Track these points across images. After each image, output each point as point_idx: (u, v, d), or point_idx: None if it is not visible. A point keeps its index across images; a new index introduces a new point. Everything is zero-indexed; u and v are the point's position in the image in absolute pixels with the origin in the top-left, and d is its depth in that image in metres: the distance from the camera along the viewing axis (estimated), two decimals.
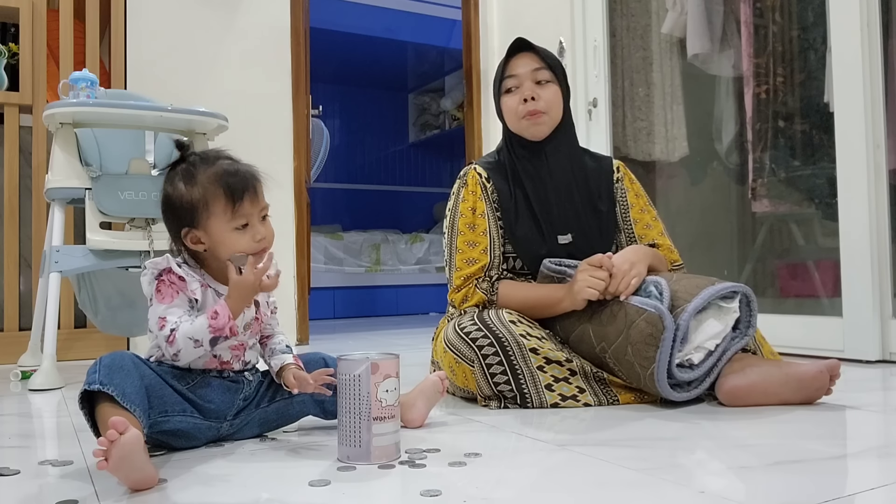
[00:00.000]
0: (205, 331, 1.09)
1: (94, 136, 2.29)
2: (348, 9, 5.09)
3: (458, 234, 1.71)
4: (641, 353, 1.43)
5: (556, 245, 1.68)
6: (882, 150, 2.10)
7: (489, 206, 1.72)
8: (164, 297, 1.13)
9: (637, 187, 1.80)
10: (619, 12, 3.14)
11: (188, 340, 1.09)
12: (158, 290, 1.13)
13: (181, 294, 1.14)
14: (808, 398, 1.44)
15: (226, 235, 1.15)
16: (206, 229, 1.15)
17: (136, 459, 0.93)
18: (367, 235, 5.54)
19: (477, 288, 1.65)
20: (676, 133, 3.07)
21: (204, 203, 1.14)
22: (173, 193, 1.16)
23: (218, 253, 1.16)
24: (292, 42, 3.12)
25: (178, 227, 1.17)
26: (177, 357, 1.12)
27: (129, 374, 1.06)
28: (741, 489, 0.94)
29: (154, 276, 1.14)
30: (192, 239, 1.16)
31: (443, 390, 1.39)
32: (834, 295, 2.34)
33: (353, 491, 0.96)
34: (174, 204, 1.16)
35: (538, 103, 1.67)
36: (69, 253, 2.05)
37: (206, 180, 1.14)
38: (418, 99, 6.49)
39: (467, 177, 1.75)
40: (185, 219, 1.15)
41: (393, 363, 1.10)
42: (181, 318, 1.11)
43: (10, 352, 2.48)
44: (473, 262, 1.67)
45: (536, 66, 1.69)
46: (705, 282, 1.50)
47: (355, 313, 5.22)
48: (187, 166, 1.17)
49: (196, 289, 1.15)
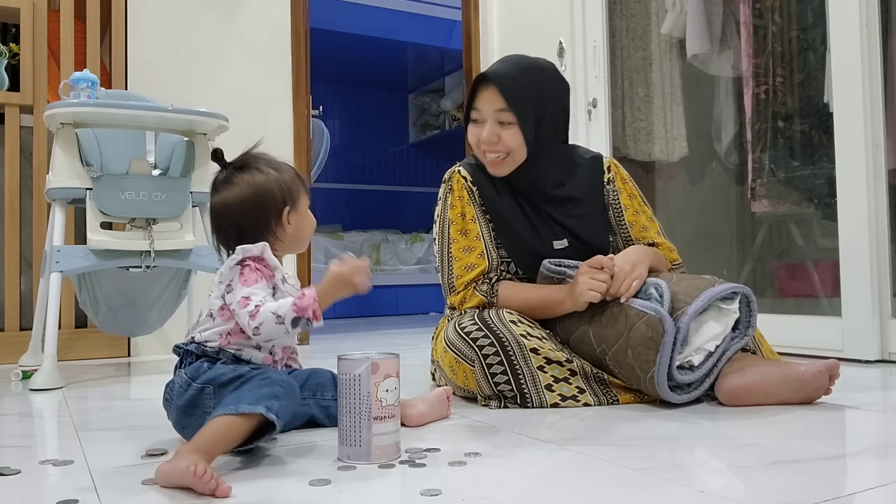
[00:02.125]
0: (289, 308, 1.13)
1: (95, 136, 2.30)
2: (348, 9, 5.09)
3: (452, 242, 1.68)
4: (641, 356, 1.43)
5: (552, 251, 1.68)
6: (881, 150, 2.10)
7: (477, 209, 1.70)
8: (246, 279, 1.17)
9: (630, 187, 1.76)
10: (618, 13, 3.14)
11: (271, 315, 1.12)
12: (242, 273, 1.18)
13: (264, 280, 1.19)
14: (807, 398, 1.44)
15: (306, 213, 1.29)
16: (296, 208, 1.27)
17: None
18: (368, 235, 5.55)
19: (476, 290, 1.64)
20: (676, 133, 3.07)
21: (295, 184, 1.27)
22: (267, 181, 1.24)
23: (303, 229, 1.28)
24: (292, 42, 3.13)
25: (278, 210, 1.24)
26: (258, 331, 1.13)
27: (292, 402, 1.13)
28: (741, 489, 0.94)
29: (237, 261, 1.18)
30: (290, 218, 1.25)
31: (448, 406, 1.41)
32: (833, 295, 2.34)
33: (353, 491, 0.96)
34: (271, 189, 1.23)
35: (498, 146, 1.62)
36: (70, 253, 2.05)
37: (288, 169, 1.28)
38: (418, 99, 6.49)
39: (452, 181, 1.72)
40: (286, 199, 1.25)
41: (393, 363, 1.10)
42: (265, 297, 1.16)
43: (11, 352, 2.48)
44: (472, 268, 1.65)
45: (499, 106, 1.60)
46: (705, 283, 1.50)
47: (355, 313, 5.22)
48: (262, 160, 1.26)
49: (280, 278, 1.22)
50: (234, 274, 1.18)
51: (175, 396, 1.18)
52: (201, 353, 1.19)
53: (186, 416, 1.16)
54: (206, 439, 1.02)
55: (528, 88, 1.61)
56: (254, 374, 1.13)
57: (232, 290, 1.18)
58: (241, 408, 1.04)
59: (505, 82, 1.60)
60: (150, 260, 2.09)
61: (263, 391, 1.08)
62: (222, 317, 1.20)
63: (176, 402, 1.18)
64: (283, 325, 1.13)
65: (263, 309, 1.13)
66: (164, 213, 2.13)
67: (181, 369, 1.21)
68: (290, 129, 3.06)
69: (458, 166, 1.76)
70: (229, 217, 1.23)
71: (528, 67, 1.64)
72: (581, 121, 3.06)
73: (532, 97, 1.61)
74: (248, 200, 1.22)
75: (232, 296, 1.17)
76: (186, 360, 1.21)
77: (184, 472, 0.93)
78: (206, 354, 1.19)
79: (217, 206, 1.24)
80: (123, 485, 1.00)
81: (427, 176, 6.55)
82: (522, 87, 1.61)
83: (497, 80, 1.60)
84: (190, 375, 1.17)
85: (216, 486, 0.92)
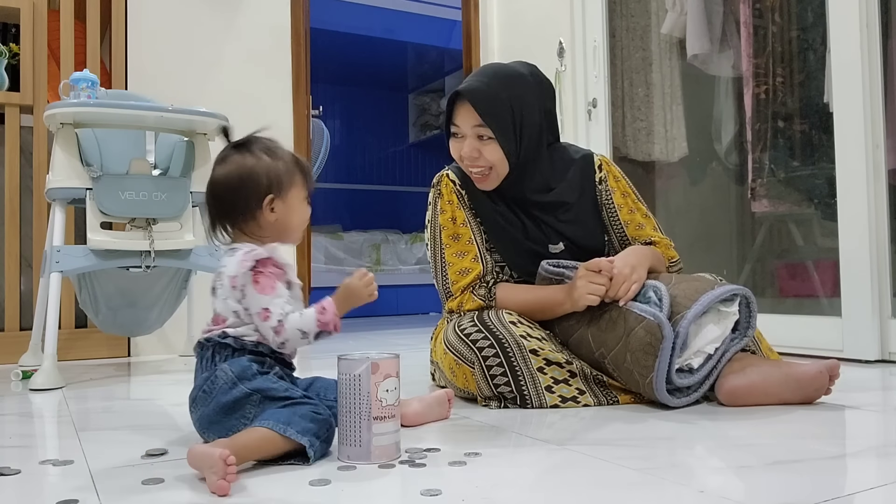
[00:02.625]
0: (313, 324, 1.15)
1: (95, 136, 2.30)
2: (348, 9, 5.09)
3: (445, 247, 1.67)
4: (640, 361, 1.42)
5: (548, 254, 1.66)
6: (881, 150, 2.10)
7: (467, 212, 1.69)
8: (263, 287, 1.17)
9: (622, 185, 1.72)
10: (618, 13, 3.14)
11: (296, 332, 1.15)
12: (257, 280, 1.17)
13: (279, 283, 1.19)
14: (807, 398, 1.44)
15: (298, 204, 1.27)
16: (285, 198, 1.24)
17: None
18: (368, 235, 5.55)
19: (473, 294, 1.63)
20: (676, 133, 3.07)
21: (289, 174, 1.25)
22: (256, 165, 1.23)
23: (289, 220, 1.25)
24: (292, 42, 3.13)
25: (259, 196, 1.22)
26: (283, 346, 1.17)
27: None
28: (741, 488, 0.94)
29: (250, 266, 1.17)
30: (275, 206, 1.23)
31: (448, 409, 1.41)
32: (833, 295, 2.34)
33: (353, 491, 0.96)
34: (257, 174, 1.22)
35: (480, 160, 1.60)
36: (70, 253, 2.05)
37: (286, 157, 1.26)
38: (418, 99, 6.49)
39: (441, 185, 1.72)
40: (272, 187, 1.23)
41: (393, 363, 1.10)
42: (284, 308, 1.16)
43: (11, 352, 2.48)
44: (467, 272, 1.65)
45: (476, 122, 1.57)
46: (705, 285, 1.50)
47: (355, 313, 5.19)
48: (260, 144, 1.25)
49: (293, 276, 1.23)
50: (246, 280, 1.16)
51: (217, 392, 1.14)
52: (240, 346, 1.17)
53: (223, 414, 1.13)
54: (246, 444, 1.04)
55: (503, 101, 1.57)
56: (305, 403, 1.12)
57: (245, 296, 1.17)
58: (290, 432, 1.06)
59: (478, 98, 1.56)
60: (150, 260, 2.09)
61: (311, 426, 1.09)
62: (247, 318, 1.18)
63: (218, 396, 1.14)
64: (307, 339, 1.16)
65: (288, 326, 1.14)
66: (164, 213, 2.13)
67: (222, 363, 1.16)
68: (290, 129, 3.07)
69: (446, 170, 1.75)
70: (214, 194, 1.24)
71: (503, 78, 1.60)
72: (581, 121, 3.06)
73: (508, 109, 1.57)
74: (233, 181, 1.22)
75: (247, 302, 1.16)
76: (222, 354, 1.18)
77: (214, 455, 0.95)
78: (244, 348, 1.17)
79: (208, 182, 1.25)
80: (123, 485, 1.01)
81: (427, 176, 6.53)
82: (497, 101, 1.57)
83: (470, 96, 1.56)
84: (237, 374, 1.14)
85: (227, 481, 0.94)
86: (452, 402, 1.43)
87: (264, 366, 1.17)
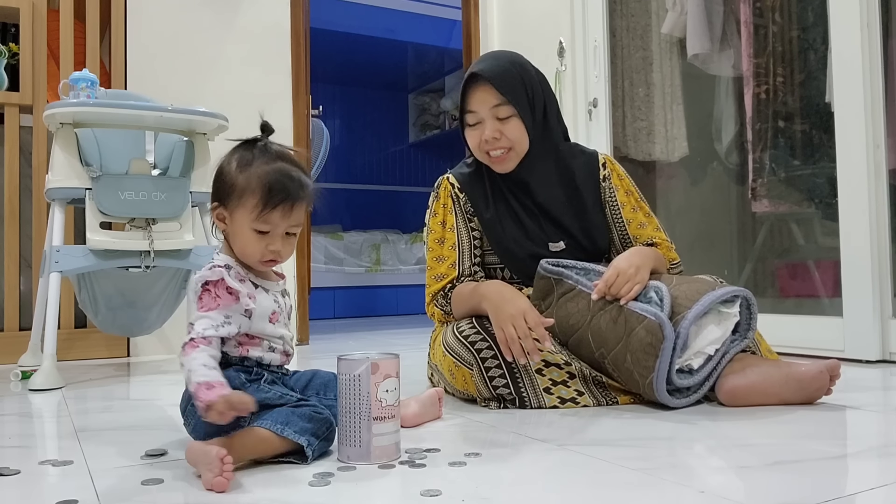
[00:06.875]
0: (195, 383, 1.02)
1: (95, 136, 2.29)
2: (348, 9, 5.09)
3: (429, 251, 1.72)
4: (640, 361, 1.42)
5: (548, 254, 1.66)
6: (882, 150, 2.10)
7: (461, 216, 1.70)
8: (203, 305, 1.12)
9: (626, 183, 1.74)
10: (619, 12, 3.14)
11: (189, 369, 1.05)
12: (200, 297, 1.13)
13: (219, 308, 1.12)
14: (808, 398, 1.44)
15: (244, 231, 1.15)
16: (231, 214, 1.16)
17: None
18: (368, 235, 5.54)
19: (436, 305, 1.68)
20: (676, 133, 3.07)
21: (240, 192, 1.14)
22: (225, 168, 1.17)
23: (231, 241, 1.18)
24: (292, 42, 3.12)
25: (215, 199, 1.18)
26: (181, 364, 1.09)
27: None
28: (741, 489, 0.94)
29: (200, 284, 1.13)
30: (219, 215, 1.18)
31: (440, 408, 1.41)
32: (834, 295, 2.34)
33: (353, 491, 0.96)
34: (219, 177, 1.18)
35: (501, 141, 1.62)
36: (69, 253, 2.05)
37: (256, 173, 1.14)
38: (418, 99, 6.49)
39: (440, 189, 1.74)
40: (221, 195, 1.16)
41: (393, 363, 1.10)
42: (205, 332, 1.09)
43: (11, 352, 2.48)
44: (441, 278, 1.67)
45: (495, 102, 1.60)
46: (706, 286, 1.49)
47: (355, 313, 5.22)
48: (252, 150, 1.17)
49: (248, 300, 1.14)
50: (194, 297, 1.14)
51: None
52: (225, 362, 1.13)
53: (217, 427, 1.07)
54: (244, 443, 1.04)
55: (516, 76, 1.63)
56: (302, 403, 1.11)
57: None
58: (287, 432, 1.05)
59: (496, 77, 1.61)
60: (149, 260, 2.09)
61: (309, 426, 1.08)
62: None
63: None
64: (187, 384, 1.06)
65: (190, 358, 1.05)
66: (163, 213, 2.13)
67: None
68: (290, 129, 3.06)
69: (448, 173, 1.76)
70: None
71: (508, 57, 1.67)
72: (581, 121, 3.06)
73: (521, 83, 1.63)
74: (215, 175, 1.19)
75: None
76: None
77: (211, 454, 0.95)
78: (229, 364, 1.14)
79: None
80: (123, 485, 1.00)
81: (427, 176, 6.55)
82: (511, 76, 1.62)
83: (488, 76, 1.61)
84: None
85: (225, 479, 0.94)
86: (443, 401, 1.43)
87: (252, 374, 1.14)
